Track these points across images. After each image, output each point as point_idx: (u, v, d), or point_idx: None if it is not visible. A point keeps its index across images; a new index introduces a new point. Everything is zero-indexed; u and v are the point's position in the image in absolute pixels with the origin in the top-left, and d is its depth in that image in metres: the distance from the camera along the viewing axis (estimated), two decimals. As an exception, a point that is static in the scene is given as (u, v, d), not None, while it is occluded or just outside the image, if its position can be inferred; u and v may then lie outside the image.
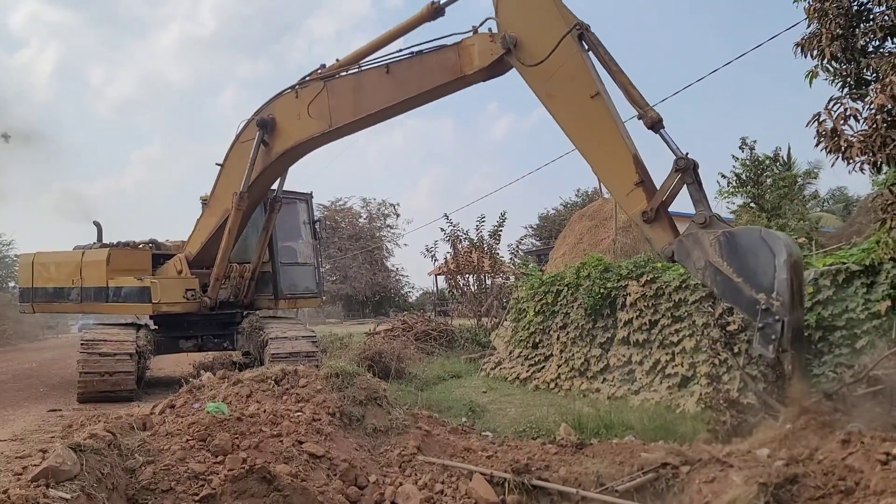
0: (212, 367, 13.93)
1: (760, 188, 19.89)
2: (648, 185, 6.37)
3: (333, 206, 51.52)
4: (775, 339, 5.20)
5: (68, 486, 4.03)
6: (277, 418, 6.13)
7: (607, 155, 6.62)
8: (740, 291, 5.45)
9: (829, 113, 6.21)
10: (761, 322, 5.26)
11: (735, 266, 5.47)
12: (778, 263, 5.15)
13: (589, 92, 6.60)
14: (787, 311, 5.13)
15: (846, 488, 4.49)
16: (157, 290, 12.52)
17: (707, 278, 5.75)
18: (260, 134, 10.85)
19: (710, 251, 5.64)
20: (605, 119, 6.57)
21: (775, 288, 5.17)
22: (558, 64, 6.71)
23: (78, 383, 11.59)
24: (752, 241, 5.40)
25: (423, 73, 8.22)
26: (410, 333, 17.51)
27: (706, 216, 5.84)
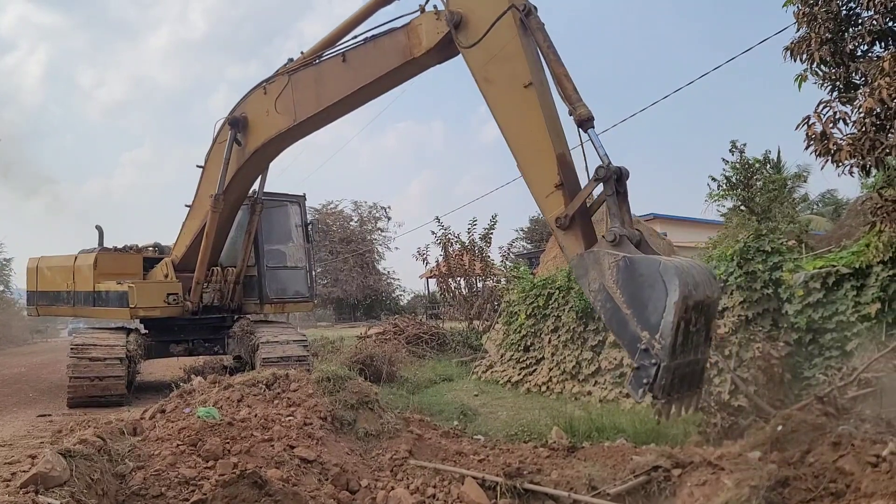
0: (203, 371, 13.86)
1: (750, 191, 20.01)
2: (570, 188, 5.82)
3: (325, 209, 51.42)
4: (647, 384, 4.70)
5: (58, 493, 4.00)
6: (268, 423, 6.11)
7: (531, 151, 6.05)
8: (626, 324, 4.90)
9: (819, 116, 6.24)
10: (637, 362, 4.77)
11: (627, 296, 4.91)
12: (668, 303, 4.59)
13: (522, 80, 6.04)
14: (667, 356, 4.59)
15: (837, 490, 4.51)
16: (133, 295, 12.44)
17: (598, 302, 5.16)
18: (232, 133, 10.72)
19: (607, 274, 5.06)
20: (533, 112, 5.99)
21: (660, 329, 4.62)
22: (499, 46, 6.22)
23: (68, 388, 11.51)
24: (650, 272, 4.76)
25: (377, 58, 7.90)
26: (402, 337, 17.49)
27: (616, 234, 5.18)
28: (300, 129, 9.82)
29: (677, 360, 4.68)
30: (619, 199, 5.40)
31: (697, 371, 5.01)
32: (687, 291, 4.60)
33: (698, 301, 4.73)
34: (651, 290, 4.73)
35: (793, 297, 7.65)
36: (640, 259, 4.90)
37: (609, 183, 5.38)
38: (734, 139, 20.88)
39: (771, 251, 7.94)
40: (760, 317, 7.81)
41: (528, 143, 6.07)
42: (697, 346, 4.89)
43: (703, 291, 4.81)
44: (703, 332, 4.95)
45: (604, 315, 5.16)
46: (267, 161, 11.70)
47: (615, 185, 5.38)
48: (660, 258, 4.83)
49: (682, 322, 4.62)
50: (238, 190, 11.76)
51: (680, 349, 4.68)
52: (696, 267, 4.98)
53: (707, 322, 4.98)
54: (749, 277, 7.94)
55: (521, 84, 6.05)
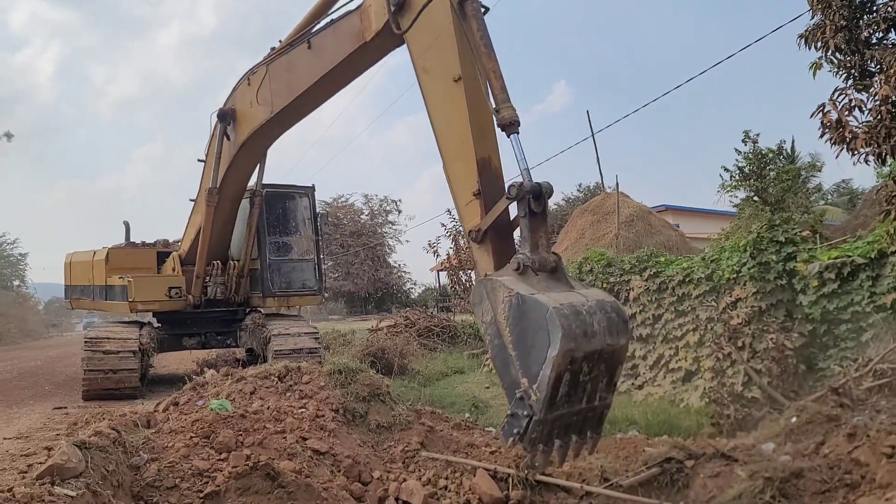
0: (215, 364, 13.95)
1: (764, 182, 19.83)
2: (489, 198, 5.20)
3: (335, 203, 51.54)
4: (517, 433, 4.34)
5: (73, 484, 4.02)
6: (281, 415, 6.13)
7: (455, 154, 5.46)
8: (508, 365, 4.48)
9: (834, 104, 6.18)
10: (511, 410, 4.41)
11: (514, 336, 4.45)
12: (548, 355, 4.17)
13: (452, 73, 5.45)
14: (540, 409, 4.22)
15: (852, 482, 4.49)
16: (132, 289, 12.52)
17: (487, 335, 4.71)
18: (222, 127, 10.59)
19: (499, 308, 4.56)
20: (458, 109, 5.40)
21: (538, 380, 4.22)
22: (435, 34, 5.63)
23: (82, 381, 11.65)
24: (537, 317, 4.28)
25: (336, 42, 7.38)
26: (413, 329, 17.51)
27: (521, 263, 4.64)
28: (279, 121, 9.50)
29: (557, 413, 4.33)
30: (535, 221, 4.81)
31: (592, 418, 4.63)
32: (572, 345, 4.15)
33: (591, 352, 4.30)
34: (536, 336, 4.30)
35: (807, 287, 7.59)
36: (531, 300, 4.38)
37: (523, 202, 4.78)
38: (747, 129, 20.71)
39: (784, 241, 7.88)
40: (774, 308, 7.76)
41: (453, 145, 5.52)
42: (592, 393, 4.51)
43: (602, 341, 4.34)
44: (604, 379, 4.56)
45: (490, 350, 4.74)
46: (257, 153, 11.45)
47: (530, 204, 4.78)
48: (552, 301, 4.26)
49: (568, 373, 4.24)
50: (234, 183, 11.59)
51: (564, 401, 4.33)
52: (602, 311, 4.44)
53: (609, 370, 4.57)
54: (762, 268, 7.88)
55: (451, 77, 5.49)
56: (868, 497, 4.27)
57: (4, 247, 62.49)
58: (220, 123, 10.58)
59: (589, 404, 4.52)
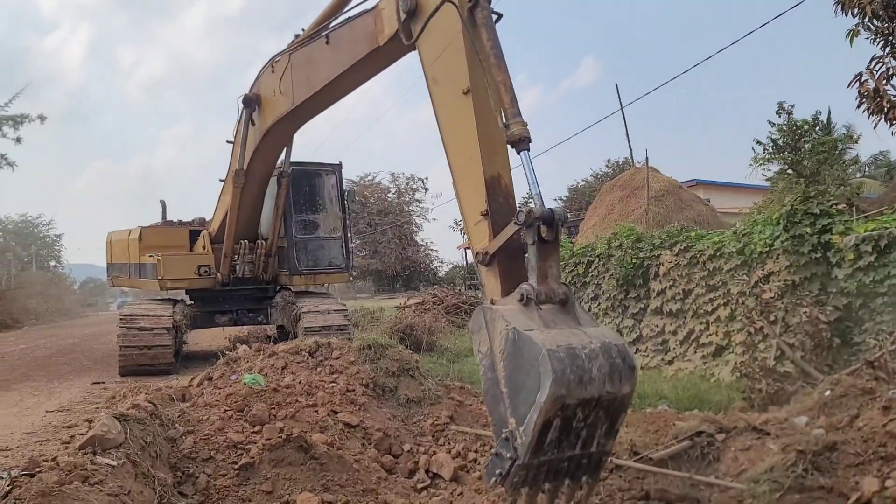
0: (247, 340, 14.16)
1: (798, 154, 19.39)
2: (498, 218, 4.86)
3: (362, 182, 51.67)
4: (499, 474, 4.10)
5: (114, 454, 4.13)
6: (312, 389, 6.21)
7: (464, 170, 5.15)
8: (498, 402, 4.21)
9: (871, 73, 6.00)
10: (496, 449, 4.14)
11: (507, 373, 4.16)
12: (537, 399, 3.89)
13: (461, 85, 5.11)
14: (523, 454, 3.97)
15: (886, 455, 4.42)
16: (160, 267, 12.72)
17: (482, 366, 4.39)
18: (247, 112, 10.57)
19: (496, 341, 4.29)
20: (468, 124, 5.07)
21: (524, 423, 3.97)
22: (445, 43, 5.33)
23: (119, 357, 11.93)
24: (531, 357, 3.99)
25: (351, 42, 7.07)
26: (441, 307, 17.58)
27: (525, 293, 4.27)
28: (300, 112, 9.32)
29: (544, 458, 4.07)
30: (543, 250, 4.43)
31: (588, 464, 4.32)
32: (563, 391, 3.83)
33: (586, 399, 3.97)
34: (527, 376, 4.02)
35: (843, 260, 7.44)
36: (526, 338, 4.05)
37: (532, 229, 4.38)
38: (782, 101, 20.22)
39: (819, 214, 7.71)
40: (808, 281, 7.63)
41: (460, 161, 5.21)
42: (589, 439, 4.19)
43: (601, 388, 3.98)
44: (603, 426, 4.21)
45: (483, 383, 4.43)
46: (284, 139, 11.42)
47: (539, 231, 4.38)
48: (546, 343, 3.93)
49: (559, 419, 3.97)
50: (261, 166, 11.61)
51: (554, 446, 4.04)
52: (604, 355, 4.04)
53: (611, 416, 4.20)
54: (796, 241, 7.74)
55: (460, 89, 5.13)
56: (903, 470, 4.22)
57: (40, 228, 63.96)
58: (246, 109, 10.57)
59: (584, 450, 4.23)
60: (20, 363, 14.89)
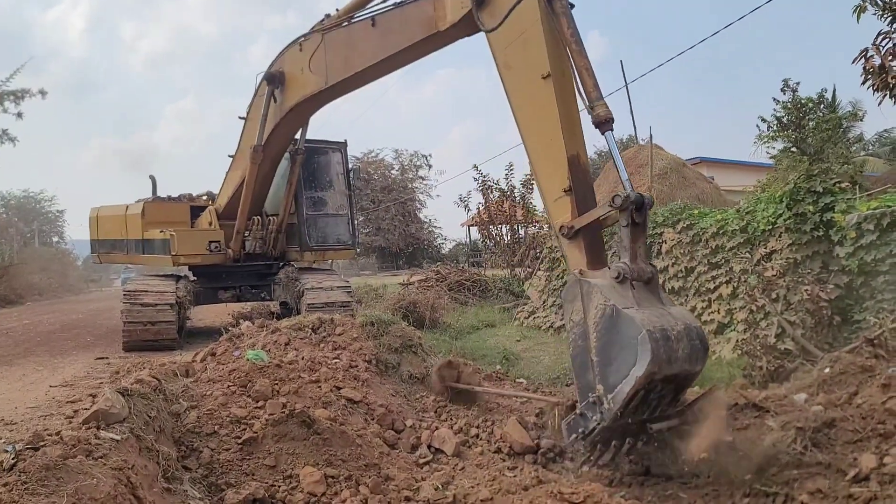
0: (250, 316, 14.24)
1: (803, 132, 19.26)
2: (580, 194, 5.30)
3: (366, 158, 51.47)
4: (581, 433, 4.64)
5: (118, 428, 4.16)
6: (315, 365, 6.25)
7: (543, 149, 5.53)
8: (587, 369, 4.72)
9: (878, 49, 5.93)
10: (581, 410, 4.69)
11: (599, 344, 4.66)
12: (631, 373, 4.38)
13: (541, 70, 5.44)
14: (609, 419, 4.50)
15: (885, 432, 4.45)
16: (174, 243, 12.74)
17: (572, 333, 4.91)
18: (269, 89, 10.69)
19: (591, 313, 4.74)
20: (549, 108, 5.41)
21: (615, 392, 4.47)
22: (520, 30, 5.65)
23: (123, 332, 12.01)
24: (629, 334, 4.47)
25: (404, 26, 7.41)
26: (444, 284, 17.60)
27: (622, 272, 4.73)
28: (332, 91, 9.59)
29: (621, 422, 4.56)
30: (635, 232, 4.86)
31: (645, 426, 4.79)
32: (656, 368, 4.33)
33: (669, 375, 4.49)
34: (622, 350, 4.50)
35: (845, 239, 7.42)
36: (626, 316, 4.53)
37: (626, 213, 4.83)
38: (787, 77, 20.06)
39: (822, 192, 7.67)
40: (810, 259, 7.61)
41: (541, 141, 5.57)
42: (656, 408, 4.71)
43: (681, 366, 4.51)
44: (669, 396, 4.73)
45: (572, 349, 4.92)
46: (305, 117, 11.62)
47: (633, 214, 4.83)
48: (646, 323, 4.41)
49: (642, 391, 4.45)
50: (278, 143, 11.79)
51: (631, 412, 4.55)
52: (688, 337, 4.58)
53: (677, 390, 4.75)
54: (798, 219, 7.71)
55: (539, 74, 5.46)
56: (902, 447, 4.24)
57: (43, 204, 63.97)
58: (269, 85, 10.66)
59: (650, 416, 4.73)
60: (24, 339, 15.00)
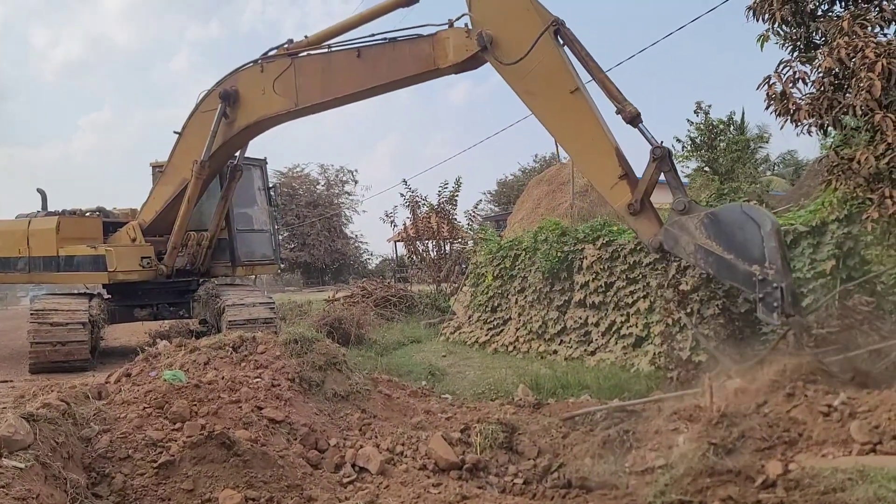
0: (168, 335, 13.74)
1: (714, 152, 20.17)
2: (632, 177, 6.47)
3: (290, 173, 50.72)
4: (778, 307, 5.30)
5: (22, 456, 3.96)
6: (236, 385, 6.10)
7: (590, 150, 6.69)
8: (734, 267, 5.55)
9: (779, 76, 6.31)
10: (761, 292, 5.37)
11: (724, 244, 5.58)
12: (764, 233, 5.28)
13: (568, 87, 6.61)
14: (782, 276, 5.26)
15: (790, 439, 4.68)
16: (112, 258, 12.24)
17: (700, 260, 5.85)
18: (222, 106, 10.68)
19: (697, 234, 5.76)
20: (585, 114, 6.59)
21: (767, 257, 5.28)
22: (536, 61, 6.69)
23: (29, 354, 11.41)
24: (734, 216, 5.56)
25: (396, 61, 8.13)
26: (370, 300, 17.49)
27: (684, 203, 5.99)
28: (296, 114, 9.93)
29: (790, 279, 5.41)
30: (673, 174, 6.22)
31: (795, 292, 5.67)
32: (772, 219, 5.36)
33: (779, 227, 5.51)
34: (742, 230, 5.49)
35: (752, 255, 7.80)
36: (720, 210, 5.81)
37: (664, 160, 6.16)
38: (699, 100, 20.97)
39: (732, 210, 8.06)
40: (721, 274, 7.98)
41: (585, 142, 6.69)
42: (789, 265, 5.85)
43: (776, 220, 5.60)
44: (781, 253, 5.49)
45: (710, 269, 5.88)
46: (255, 135, 11.73)
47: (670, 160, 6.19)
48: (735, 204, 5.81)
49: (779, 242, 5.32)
50: (222, 159, 11.90)
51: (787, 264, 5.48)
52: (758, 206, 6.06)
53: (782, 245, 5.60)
54: (711, 236, 8.06)
55: (567, 91, 6.59)
56: (805, 454, 4.48)
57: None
58: (221, 102, 10.66)
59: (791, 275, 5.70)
60: (-83, 362, 14.00)
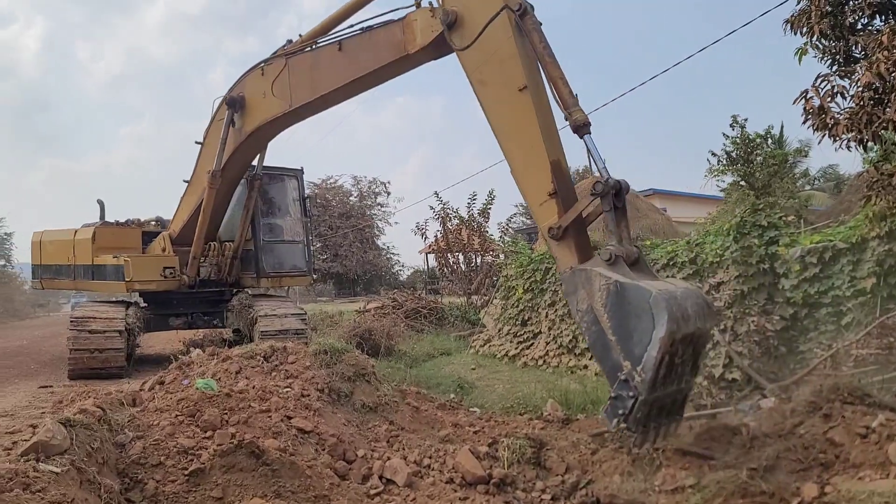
0: (202, 344, 13.96)
1: (751, 166, 19.91)
2: (564, 196, 5.60)
3: (324, 184, 51.31)
4: (622, 414, 4.66)
5: (58, 461, 4.04)
6: (266, 394, 6.16)
7: (525, 157, 5.82)
8: (608, 350, 4.83)
9: (817, 90, 6.20)
10: (615, 392, 4.73)
11: (614, 322, 4.78)
12: (654, 337, 4.48)
13: (517, 84, 5.78)
14: (645, 390, 4.54)
15: (826, 461, 4.59)
16: (129, 269, 12.53)
17: (584, 323, 5.07)
18: (229, 113, 10.69)
19: (597, 296, 4.91)
20: (527, 116, 5.75)
21: (643, 362, 4.54)
22: (493, 48, 5.98)
23: (68, 360, 11.66)
24: (639, 302, 4.62)
25: (372, 50, 7.68)
26: (401, 311, 17.56)
27: (612, 254, 5.00)
28: (295, 114, 9.72)
29: (656, 394, 4.60)
30: (617, 215, 5.19)
31: (679, 400, 4.94)
32: (675, 327, 4.47)
33: (687, 335, 4.61)
34: (638, 320, 4.61)
35: (790, 271, 7.67)
36: (631, 286, 4.72)
37: (607, 198, 5.14)
38: (735, 114, 20.76)
39: (767, 226, 7.93)
40: (756, 291, 7.83)
41: (522, 149, 5.86)
42: (682, 376, 4.82)
43: (694, 324, 4.66)
44: (690, 363, 4.86)
45: (588, 337, 5.05)
46: (265, 141, 11.69)
47: (613, 199, 5.13)
48: (652, 287, 4.61)
49: (667, 356, 4.52)
50: (236, 167, 11.76)
51: (661, 382, 4.59)
52: (692, 297, 4.80)
53: (695, 353, 4.89)
54: (745, 252, 7.94)
55: (516, 87, 5.78)
56: (842, 476, 4.38)
57: (-10, 226, 61.92)
58: (228, 110, 10.66)
59: (678, 386, 4.81)
60: (-37, 366, 14.42)
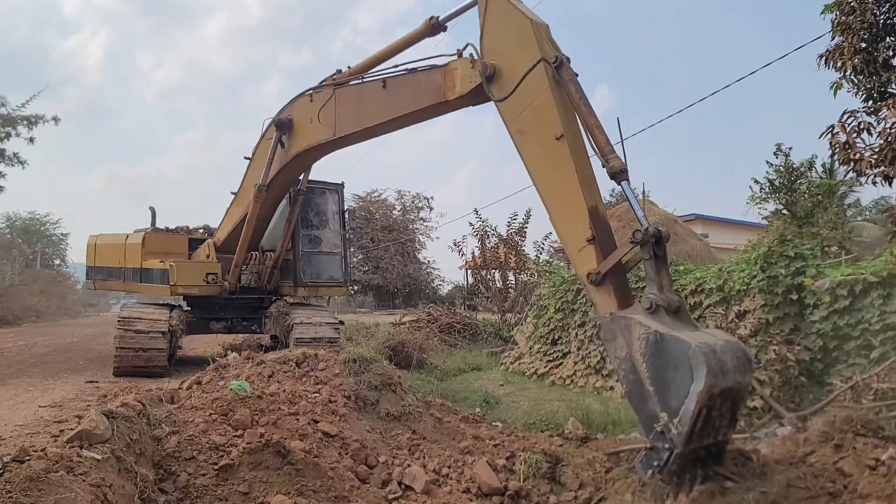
0: (239, 348, 14.40)
1: (794, 195, 19.66)
2: (603, 242, 5.58)
3: (368, 198, 52.01)
4: (657, 466, 4.63)
5: (100, 449, 4.34)
6: (295, 398, 6.44)
7: (563, 204, 5.85)
8: (645, 400, 4.79)
9: (843, 126, 6.28)
10: (652, 443, 4.68)
11: (651, 372, 4.75)
12: (692, 390, 4.43)
13: (554, 132, 5.86)
14: (681, 443, 4.50)
15: (834, 491, 4.62)
16: (174, 273, 13.09)
17: (621, 370, 5.04)
18: (277, 135, 11.10)
19: (635, 345, 4.88)
20: (565, 164, 5.79)
21: (680, 415, 4.50)
22: (530, 98, 6.13)
23: (114, 357, 12.19)
24: (679, 353, 4.57)
25: (414, 91, 7.88)
26: (435, 325, 17.79)
27: (653, 302, 4.94)
28: (339, 142, 10.00)
29: (692, 446, 4.56)
30: (658, 264, 5.13)
31: (714, 453, 4.87)
32: (713, 381, 4.42)
33: (725, 388, 4.56)
34: (676, 372, 4.57)
35: (819, 302, 7.67)
36: (670, 337, 4.67)
37: (647, 246, 5.11)
38: (780, 142, 20.58)
39: (794, 256, 7.96)
40: (780, 321, 7.85)
41: (560, 196, 5.88)
42: (719, 429, 4.75)
43: (733, 378, 4.61)
44: (728, 416, 4.79)
45: (625, 385, 5.02)
46: (309, 163, 12.12)
47: (653, 248, 5.10)
48: (692, 339, 4.56)
49: (705, 409, 4.48)
50: (281, 184, 12.24)
51: (698, 435, 4.56)
52: (731, 350, 4.73)
53: (733, 407, 4.82)
54: (771, 281, 7.97)
55: (553, 136, 5.86)
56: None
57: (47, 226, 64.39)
58: (277, 131, 11.08)
59: (714, 439, 4.73)
60: (17, 359, 15.15)
